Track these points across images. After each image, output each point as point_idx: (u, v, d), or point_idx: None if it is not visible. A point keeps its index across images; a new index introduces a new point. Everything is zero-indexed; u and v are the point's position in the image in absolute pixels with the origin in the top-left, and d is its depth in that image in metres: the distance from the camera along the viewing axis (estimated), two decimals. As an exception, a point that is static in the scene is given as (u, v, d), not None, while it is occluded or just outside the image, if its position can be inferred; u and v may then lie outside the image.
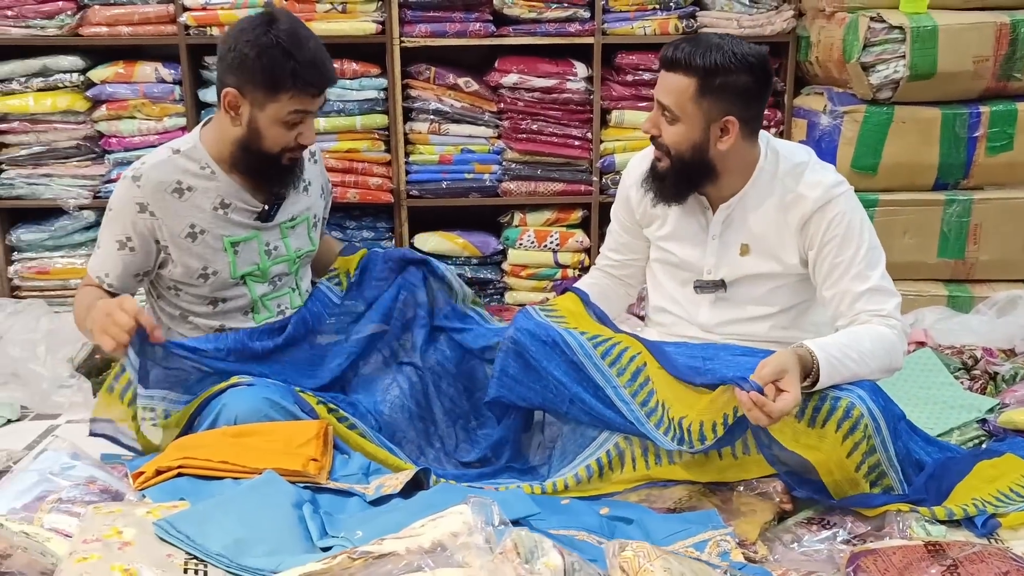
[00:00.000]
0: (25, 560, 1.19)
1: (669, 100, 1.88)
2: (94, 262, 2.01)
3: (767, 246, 1.97)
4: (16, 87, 2.96)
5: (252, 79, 1.86)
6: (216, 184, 1.98)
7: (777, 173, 1.95)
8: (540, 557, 0.99)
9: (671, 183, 1.97)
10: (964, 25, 2.71)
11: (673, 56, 1.86)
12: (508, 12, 2.98)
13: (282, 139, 1.92)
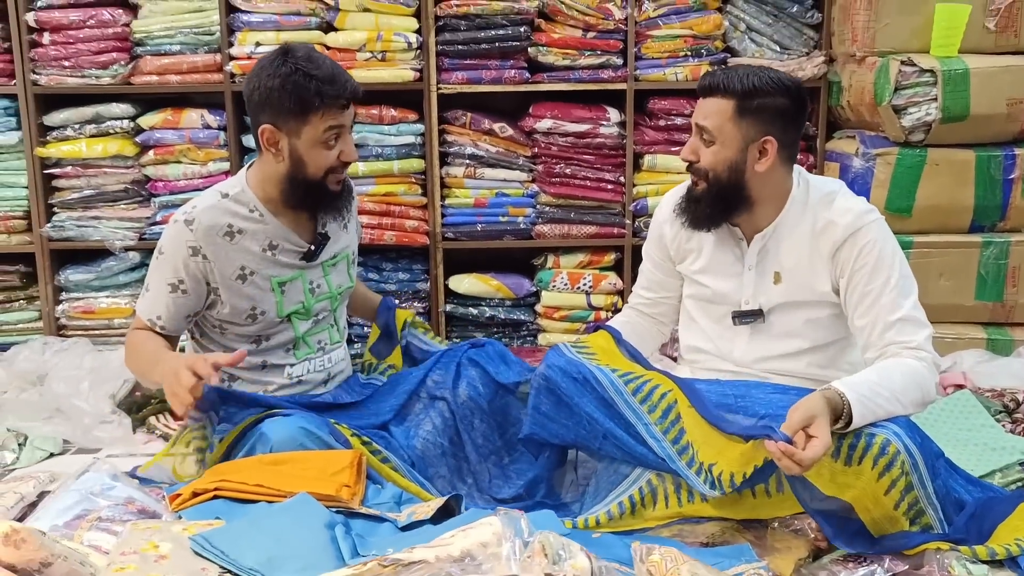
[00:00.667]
0: (65, 569, 1.22)
1: (708, 122, 1.92)
2: (144, 305, 2.02)
3: (799, 274, 1.97)
4: (70, 133, 3.09)
5: (282, 109, 1.91)
6: (264, 227, 2.02)
7: (808, 202, 1.97)
8: (567, 559, 0.99)
9: (706, 206, 1.98)
10: (996, 68, 2.73)
11: (711, 81, 1.92)
12: (542, 59, 3.05)
13: (324, 160, 1.96)
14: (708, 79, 1.94)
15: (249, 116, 2.02)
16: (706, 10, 3.06)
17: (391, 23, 3.00)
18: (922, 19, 2.79)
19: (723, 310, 2.06)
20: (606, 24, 3.03)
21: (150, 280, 2.03)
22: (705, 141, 1.94)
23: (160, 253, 2.00)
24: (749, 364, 2.05)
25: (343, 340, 2.23)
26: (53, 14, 3.01)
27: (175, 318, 2.01)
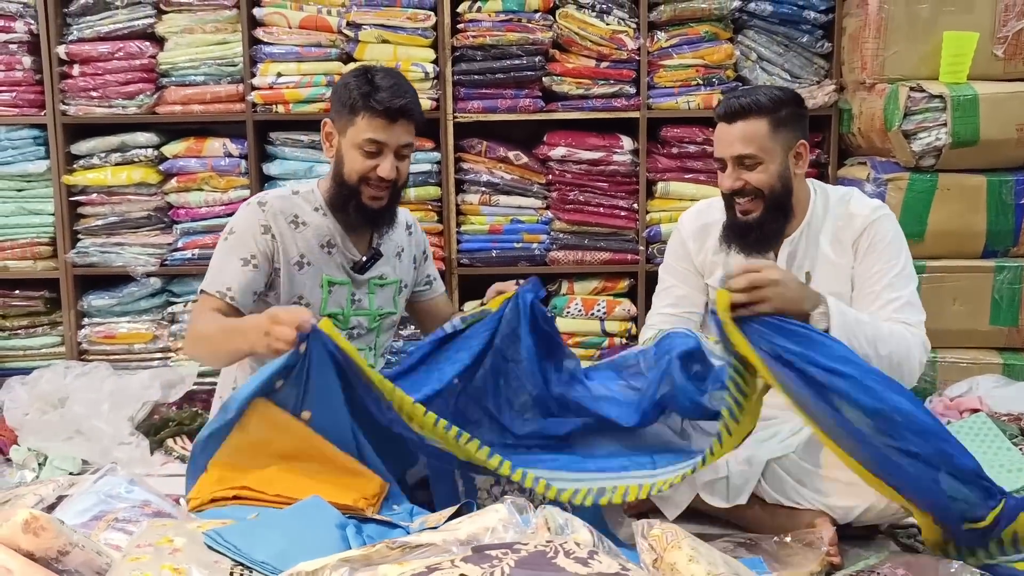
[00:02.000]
0: (82, 558, 1.24)
1: (750, 147, 1.98)
2: (212, 279, 2.03)
3: (829, 270, 2.06)
4: (96, 162, 3.17)
5: (337, 104, 2.05)
6: (326, 223, 2.11)
7: (828, 204, 2.09)
8: (570, 533, 1.01)
9: (766, 227, 2.05)
10: (1005, 94, 2.76)
11: (737, 106, 1.98)
12: (557, 89, 3.12)
13: (359, 166, 2.02)
14: (731, 106, 1.99)
15: None
16: (718, 40, 3.12)
17: (409, 54, 3.08)
18: (930, 47, 2.83)
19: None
20: (619, 54, 3.10)
21: (218, 259, 2.06)
22: (749, 166, 2.00)
23: (230, 233, 2.07)
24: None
25: (378, 368, 2.20)
26: (83, 47, 3.11)
27: (245, 292, 2.02)
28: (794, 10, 3.09)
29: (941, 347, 2.87)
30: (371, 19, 3.07)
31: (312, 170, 3.15)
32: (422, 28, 3.08)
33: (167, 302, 3.26)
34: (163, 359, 3.24)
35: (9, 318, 3.26)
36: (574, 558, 0.89)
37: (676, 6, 3.08)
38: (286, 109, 3.12)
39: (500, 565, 0.87)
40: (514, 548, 0.91)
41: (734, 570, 0.98)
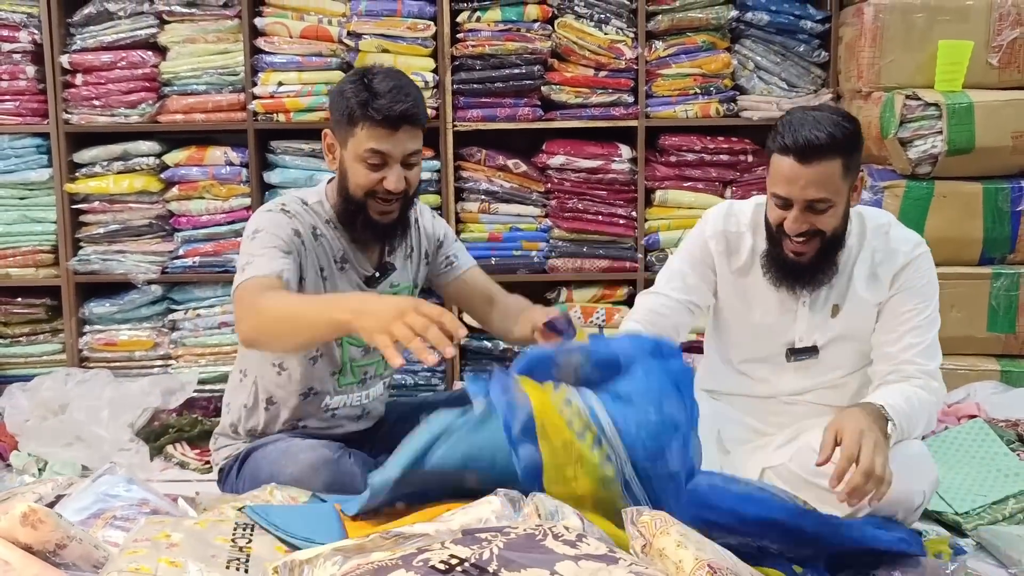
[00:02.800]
0: (80, 551, 1.25)
1: (825, 192, 1.79)
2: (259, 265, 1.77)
3: (860, 305, 1.98)
4: (98, 170, 3.19)
5: (336, 115, 1.89)
6: (339, 237, 1.98)
7: (865, 232, 1.98)
8: (560, 520, 1.02)
9: (820, 267, 1.90)
10: (1000, 102, 2.78)
11: (816, 144, 1.76)
12: (555, 98, 3.14)
13: (363, 180, 1.88)
14: (806, 141, 1.75)
15: None
16: (715, 50, 3.15)
17: (409, 63, 3.11)
18: (925, 55, 2.86)
19: (771, 344, 2.04)
20: (617, 63, 3.12)
21: (252, 250, 1.81)
22: (820, 211, 1.81)
23: (258, 231, 1.86)
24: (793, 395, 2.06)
25: (388, 374, 2.18)
26: (86, 56, 3.14)
27: (293, 279, 1.82)
28: (791, 20, 3.12)
29: (938, 354, 2.87)
30: (371, 29, 3.10)
31: (312, 178, 3.17)
32: (422, 38, 3.11)
33: (168, 309, 3.27)
34: (163, 366, 3.25)
35: (11, 325, 3.27)
36: (563, 540, 0.89)
37: (674, 16, 3.11)
38: (287, 118, 3.15)
39: (489, 546, 0.88)
40: (504, 531, 0.92)
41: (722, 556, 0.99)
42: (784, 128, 1.82)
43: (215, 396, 3.11)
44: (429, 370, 3.20)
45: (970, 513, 2.15)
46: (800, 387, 2.06)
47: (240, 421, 2.08)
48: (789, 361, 2.02)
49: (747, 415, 2.12)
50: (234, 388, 2.14)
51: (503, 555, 0.86)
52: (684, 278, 2.06)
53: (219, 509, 1.60)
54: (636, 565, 0.87)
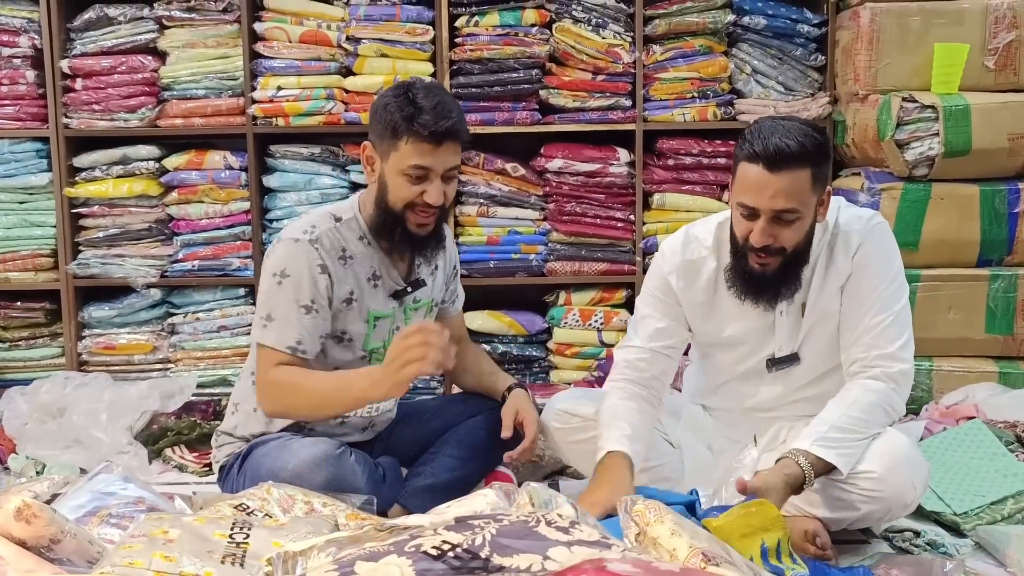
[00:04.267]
0: (74, 546, 1.25)
1: (792, 202, 1.76)
2: (277, 336, 1.91)
3: (822, 295, 1.95)
4: (98, 174, 3.19)
5: (378, 128, 1.92)
6: (371, 254, 2.01)
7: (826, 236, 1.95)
8: (554, 508, 1.02)
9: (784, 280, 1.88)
10: (996, 104, 2.79)
11: (786, 152, 1.73)
12: (553, 101, 3.15)
13: (405, 192, 1.90)
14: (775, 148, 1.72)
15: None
16: (712, 53, 3.16)
17: (407, 67, 3.12)
18: (922, 58, 2.87)
19: (752, 359, 2.03)
20: (615, 67, 3.13)
21: (273, 307, 1.92)
22: (787, 221, 1.78)
23: (284, 276, 1.91)
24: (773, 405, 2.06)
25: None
26: (86, 61, 3.15)
27: (313, 341, 1.92)
28: (788, 24, 3.13)
29: (936, 356, 2.88)
30: (370, 33, 3.11)
31: (311, 182, 3.18)
32: (420, 42, 3.12)
33: (167, 313, 3.28)
34: (163, 370, 3.25)
35: (10, 329, 3.27)
36: (556, 527, 0.90)
37: (671, 20, 3.12)
38: (286, 122, 3.16)
39: (482, 532, 0.88)
40: (497, 518, 0.92)
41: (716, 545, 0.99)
42: (753, 136, 1.78)
43: (214, 399, 3.11)
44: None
45: (968, 513, 2.15)
46: (780, 394, 2.04)
47: (246, 423, 2.08)
48: (770, 371, 2.00)
49: (732, 428, 2.13)
50: (244, 390, 2.13)
51: (496, 541, 0.86)
52: (655, 325, 2.03)
53: (217, 507, 1.60)
54: (629, 551, 0.87)
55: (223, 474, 2.10)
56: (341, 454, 1.88)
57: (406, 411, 2.35)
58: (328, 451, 1.88)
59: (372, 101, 2.04)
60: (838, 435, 1.80)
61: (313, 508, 1.63)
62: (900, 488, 1.83)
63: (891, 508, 1.85)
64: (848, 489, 1.84)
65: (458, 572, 0.82)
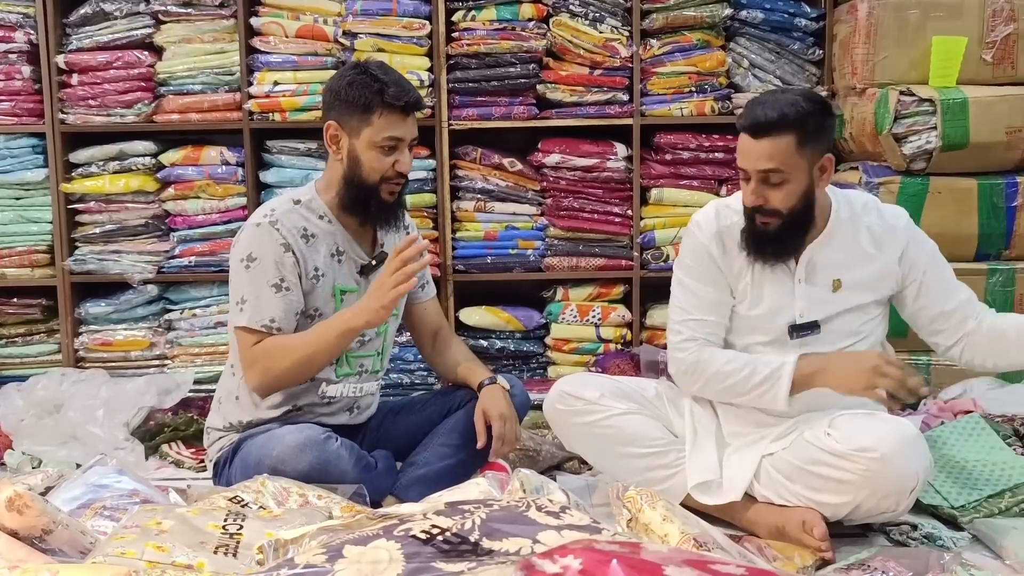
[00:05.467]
0: (66, 536, 1.25)
1: (774, 163, 1.90)
2: (251, 315, 1.98)
3: (861, 279, 2.04)
4: (94, 170, 3.19)
5: (346, 106, 2.01)
6: (333, 231, 2.09)
7: (854, 211, 2.06)
8: (545, 495, 1.01)
9: (783, 241, 1.99)
10: (994, 98, 2.78)
11: (764, 120, 1.89)
12: (550, 96, 3.14)
13: (379, 164, 2.02)
14: (757, 118, 1.89)
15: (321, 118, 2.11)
16: (710, 48, 3.15)
17: (404, 62, 3.11)
18: (919, 52, 2.86)
19: (773, 326, 2.06)
20: (612, 62, 3.12)
21: (245, 291, 2.00)
22: (773, 183, 1.92)
23: (251, 260, 2.00)
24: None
25: (382, 372, 2.25)
26: (82, 56, 3.15)
27: (287, 317, 2.00)
28: (785, 18, 3.13)
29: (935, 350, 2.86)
30: (367, 28, 3.10)
31: (309, 177, 3.16)
32: (417, 37, 3.12)
33: (164, 309, 3.27)
34: (159, 366, 3.25)
35: (6, 326, 3.27)
36: (546, 511, 0.89)
37: (668, 14, 3.11)
38: (283, 117, 3.15)
39: (472, 517, 0.87)
40: (487, 503, 0.92)
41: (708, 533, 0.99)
42: (746, 108, 1.98)
43: (211, 395, 3.08)
44: (424, 369, 3.20)
45: (966, 507, 2.14)
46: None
47: (232, 412, 2.09)
48: (792, 339, 2.03)
49: (737, 417, 2.12)
50: (226, 384, 2.18)
51: (486, 525, 0.85)
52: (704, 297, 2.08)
53: (211, 499, 1.60)
54: (619, 535, 0.86)
55: (217, 469, 2.11)
56: (326, 439, 1.91)
57: (397, 404, 2.36)
58: (312, 436, 1.91)
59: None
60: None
61: (308, 500, 1.63)
62: (901, 472, 1.82)
63: (889, 494, 1.84)
64: (847, 468, 1.84)
65: (447, 555, 0.81)
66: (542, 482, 1.07)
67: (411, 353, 3.18)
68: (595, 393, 2.11)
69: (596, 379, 2.23)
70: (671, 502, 0.97)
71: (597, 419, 2.09)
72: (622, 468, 2.05)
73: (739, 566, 0.71)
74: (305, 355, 1.97)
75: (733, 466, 2.03)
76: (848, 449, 1.85)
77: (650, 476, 2.01)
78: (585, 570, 0.66)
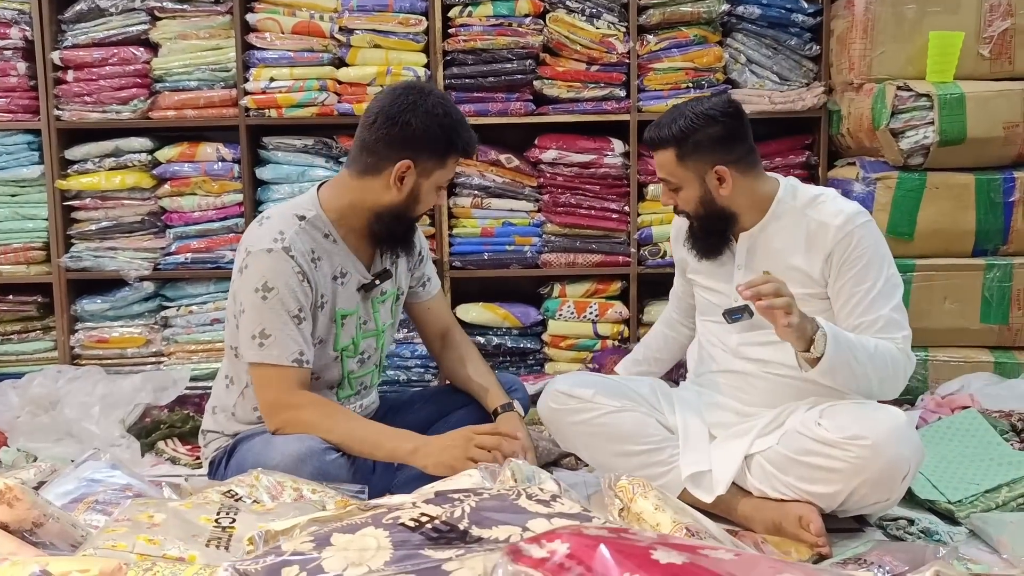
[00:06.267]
0: (57, 529, 1.24)
1: (663, 173, 2.10)
2: (280, 352, 1.89)
3: (793, 271, 2.02)
4: (90, 167, 3.18)
5: (428, 148, 1.92)
6: (336, 251, 2.00)
7: (796, 203, 2.05)
8: (537, 484, 1.01)
9: (706, 237, 2.13)
10: (991, 93, 2.78)
11: (650, 137, 2.09)
12: (547, 92, 3.14)
13: (432, 202, 2.02)
14: (648, 133, 2.09)
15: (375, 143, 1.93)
16: (707, 43, 3.15)
17: (401, 58, 3.11)
18: (916, 47, 2.86)
19: (718, 309, 2.10)
20: (609, 57, 3.12)
21: (265, 324, 1.89)
22: (672, 189, 2.10)
23: (268, 290, 1.89)
24: (739, 350, 2.11)
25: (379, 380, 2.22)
26: (78, 53, 3.14)
27: (310, 349, 1.93)
28: (782, 13, 3.12)
29: (932, 345, 2.87)
30: (363, 24, 3.10)
31: (305, 174, 3.17)
32: (413, 33, 3.11)
33: (160, 306, 3.27)
34: (156, 363, 3.24)
35: (2, 323, 3.26)
36: (536, 500, 0.88)
37: (665, 10, 3.10)
38: (279, 113, 3.14)
39: (461, 505, 0.87)
40: (477, 492, 0.91)
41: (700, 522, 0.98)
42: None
43: (207, 392, 3.08)
44: (423, 366, 3.19)
45: (963, 501, 2.14)
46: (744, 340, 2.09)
47: (227, 424, 2.07)
48: (728, 322, 2.04)
49: (723, 395, 2.15)
50: (220, 395, 2.13)
51: (475, 513, 0.85)
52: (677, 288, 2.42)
53: (204, 493, 1.59)
54: (610, 523, 0.86)
55: (212, 469, 2.10)
56: (325, 450, 1.85)
57: (395, 402, 2.34)
58: (313, 447, 1.84)
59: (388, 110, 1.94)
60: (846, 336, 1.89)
61: (302, 495, 1.62)
62: (892, 460, 1.82)
63: (881, 481, 1.84)
64: (839, 457, 1.84)
65: (435, 543, 0.81)
66: (533, 471, 1.06)
67: (408, 350, 3.18)
68: (589, 391, 2.11)
69: (590, 377, 2.24)
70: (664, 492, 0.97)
71: (591, 417, 2.09)
72: (618, 466, 2.05)
73: (728, 551, 0.70)
74: (339, 440, 1.89)
75: (719, 459, 2.03)
76: (839, 437, 1.85)
77: (646, 473, 2.00)
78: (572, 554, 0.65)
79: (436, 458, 1.82)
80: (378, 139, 1.93)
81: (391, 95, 1.95)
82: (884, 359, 1.91)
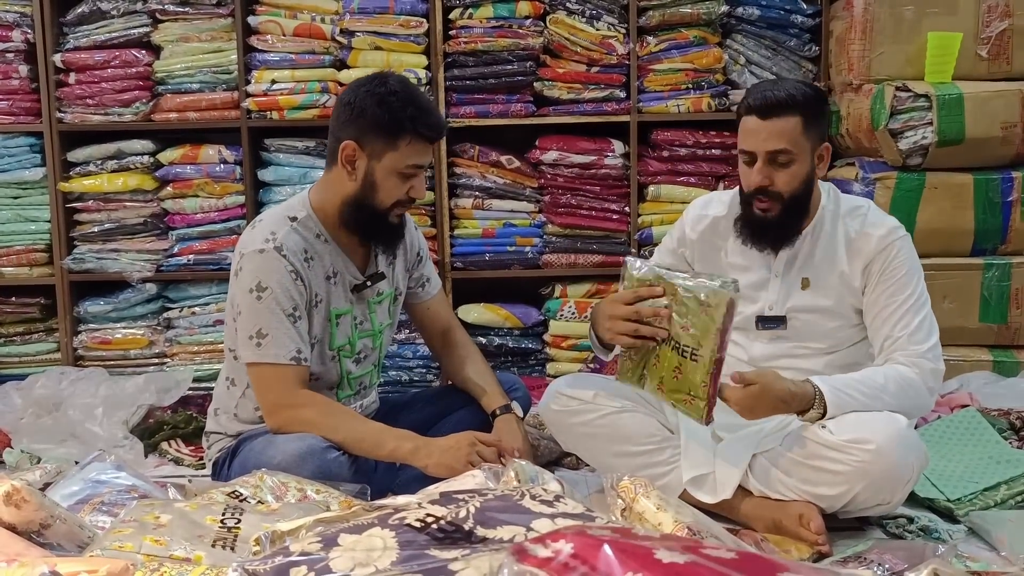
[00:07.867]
0: (64, 530, 1.25)
1: (783, 143, 1.93)
2: (277, 350, 1.90)
3: (831, 282, 2.03)
4: (92, 169, 3.19)
5: (371, 127, 1.89)
6: (328, 251, 2.00)
7: (839, 212, 2.05)
8: (540, 484, 1.02)
9: (781, 228, 2.01)
10: (989, 93, 2.79)
11: (773, 100, 1.92)
12: (548, 93, 3.15)
13: (396, 191, 1.93)
14: (767, 99, 1.92)
15: (331, 128, 1.97)
16: (707, 44, 3.16)
17: (402, 60, 3.12)
18: (915, 47, 2.87)
19: (745, 313, 2.08)
20: (609, 59, 3.13)
21: (261, 323, 1.90)
22: (780, 164, 1.94)
23: (261, 290, 1.90)
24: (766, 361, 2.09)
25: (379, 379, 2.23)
26: (79, 55, 3.15)
27: (307, 346, 1.93)
28: (781, 14, 3.13)
29: (932, 345, 2.88)
30: (364, 26, 3.11)
31: (306, 176, 3.18)
32: (414, 35, 3.12)
33: (163, 308, 3.28)
34: (159, 364, 3.25)
35: (5, 325, 3.28)
36: (540, 500, 0.90)
37: (665, 11, 3.12)
38: (280, 115, 3.16)
39: (466, 506, 0.88)
40: (481, 493, 0.92)
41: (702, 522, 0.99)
42: (749, 93, 2.02)
43: (210, 393, 3.09)
44: (425, 366, 3.21)
45: (962, 499, 2.15)
46: (769, 354, 2.08)
47: (229, 425, 2.09)
48: (759, 329, 2.05)
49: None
50: (222, 397, 2.14)
51: (480, 513, 0.86)
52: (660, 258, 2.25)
53: (210, 494, 1.60)
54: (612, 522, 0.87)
55: (216, 470, 2.11)
56: (326, 449, 1.87)
57: (397, 402, 2.35)
58: (314, 445, 1.86)
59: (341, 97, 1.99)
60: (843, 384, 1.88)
61: (306, 495, 1.63)
62: (896, 464, 1.83)
63: (884, 486, 1.85)
64: (843, 460, 1.85)
65: (441, 543, 0.82)
66: (537, 472, 1.07)
67: (410, 351, 3.19)
68: (590, 392, 2.12)
69: (591, 378, 2.24)
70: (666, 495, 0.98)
71: (593, 418, 2.09)
72: (619, 466, 2.05)
73: (730, 550, 0.72)
74: (340, 439, 1.89)
75: (724, 462, 2.04)
76: (843, 441, 1.86)
77: (647, 473, 2.00)
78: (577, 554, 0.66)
79: (437, 459, 1.83)
80: (333, 125, 1.96)
81: (354, 83, 1.98)
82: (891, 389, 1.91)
